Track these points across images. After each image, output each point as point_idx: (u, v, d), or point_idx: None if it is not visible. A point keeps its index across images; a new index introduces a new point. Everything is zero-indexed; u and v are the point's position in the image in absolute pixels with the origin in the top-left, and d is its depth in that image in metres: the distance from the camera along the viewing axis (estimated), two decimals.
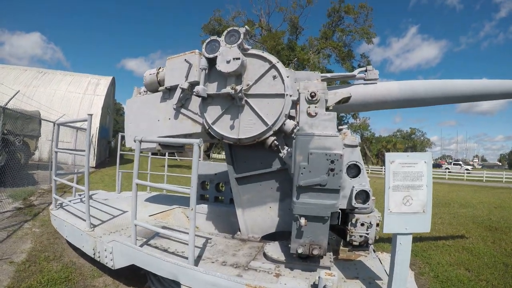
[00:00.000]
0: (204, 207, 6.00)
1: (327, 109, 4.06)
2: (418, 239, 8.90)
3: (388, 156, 3.16)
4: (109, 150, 38.29)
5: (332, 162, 3.60)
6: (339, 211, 3.81)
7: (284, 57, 32.99)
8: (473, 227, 10.94)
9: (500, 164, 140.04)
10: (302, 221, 3.63)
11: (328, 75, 5.29)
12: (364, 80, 5.33)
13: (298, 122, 4.01)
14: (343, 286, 3.61)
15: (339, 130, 4.41)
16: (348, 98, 4.41)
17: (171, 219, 6.07)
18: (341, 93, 4.36)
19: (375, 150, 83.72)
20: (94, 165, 25.26)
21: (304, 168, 3.65)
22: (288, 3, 38.05)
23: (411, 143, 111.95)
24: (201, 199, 7.14)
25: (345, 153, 3.91)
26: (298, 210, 3.70)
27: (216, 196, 7.03)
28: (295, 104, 4.39)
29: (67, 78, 30.14)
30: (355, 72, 5.35)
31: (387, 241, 8.38)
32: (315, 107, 3.90)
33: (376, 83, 5.31)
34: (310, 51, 34.16)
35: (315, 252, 3.76)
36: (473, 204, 16.98)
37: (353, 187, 3.88)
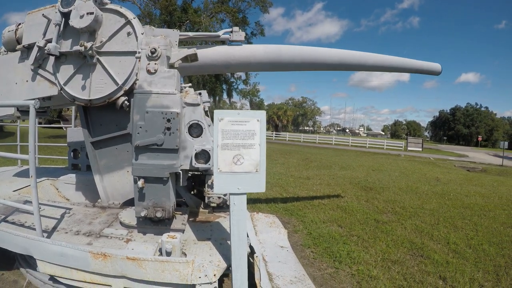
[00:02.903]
0: (72, 177, 5.61)
1: (171, 66, 3.93)
2: (295, 199, 9.33)
3: (217, 113, 3.09)
4: None
5: (169, 120, 3.52)
6: (180, 171, 3.74)
7: (176, 18, 31.68)
8: (350, 187, 11.75)
9: (383, 133, 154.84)
10: (140, 182, 3.55)
11: (190, 34, 5.09)
12: (229, 41, 5.25)
13: (137, 81, 3.83)
14: (192, 248, 3.62)
15: (182, 88, 4.30)
16: (195, 55, 4.28)
17: (39, 193, 5.54)
18: (186, 50, 4.21)
19: (266, 116, 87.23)
20: None
21: (141, 127, 3.53)
22: None
23: (302, 110, 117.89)
24: (74, 168, 6.68)
25: (186, 112, 3.82)
26: (136, 171, 3.60)
27: (89, 164, 6.60)
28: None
29: None
30: (220, 32, 5.21)
31: (264, 202, 8.65)
32: (155, 63, 3.76)
33: (241, 44, 5.27)
34: (204, 14, 33.32)
35: (158, 214, 3.70)
36: (353, 167, 18.29)
37: (194, 146, 3.80)
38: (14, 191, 5.35)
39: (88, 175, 5.70)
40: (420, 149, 46.95)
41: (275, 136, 63.58)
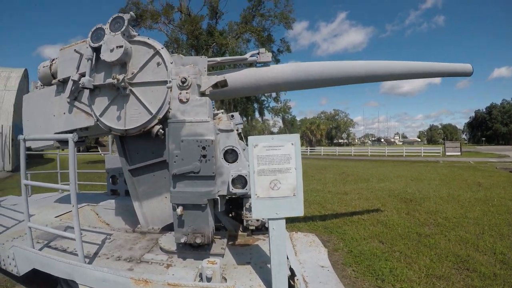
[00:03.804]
0: (112, 203, 5.76)
1: (203, 94, 4.00)
2: (334, 215, 9.19)
3: (251, 139, 3.11)
4: (30, 150, 35.71)
5: (204, 148, 3.58)
6: (218, 197, 3.78)
7: (203, 42, 32.46)
8: (389, 200, 11.45)
9: (419, 140, 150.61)
10: (179, 210, 3.62)
11: (218, 59, 5.19)
12: (257, 63, 5.33)
13: (170, 110, 3.92)
14: (232, 272, 3.60)
15: (215, 115, 4.36)
16: (225, 81, 4.34)
17: (79, 218, 5.73)
18: (216, 77, 4.28)
19: (299, 132, 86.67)
20: (11, 169, 23.61)
21: (177, 156, 3.61)
22: None
23: (335, 123, 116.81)
24: (113, 194, 6.88)
25: (221, 138, 3.87)
26: (174, 199, 3.67)
27: (127, 190, 6.79)
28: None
29: None
30: (247, 55, 5.30)
31: (303, 220, 8.56)
32: (187, 93, 3.83)
33: (269, 65, 5.33)
34: (229, 36, 33.85)
35: (198, 240, 3.73)
36: (391, 178, 17.87)
37: (230, 172, 3.82)
38: (56, 217, 5.54)
39: (127, 200, 5.85)
40: (459, 153, 45.56)
41: (310, 152, 63.19)
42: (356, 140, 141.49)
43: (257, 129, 77.13)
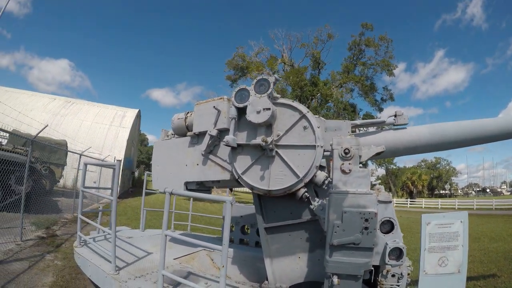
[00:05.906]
0: (230, 251, 5.88)
1: (361, 164, 4.01)
2: None
3: (424, 218, 3.15)
4: (133, 180, 38.54)
5: (367, 220, 3.55)
6: (372, 268, 3.74)
7: (308, 92, 33.07)
8: (505, 264, 10.47)
9: None
10: (335, 280, 3.57)
11: (358, 122, 5.22)
12: (394, 125, 5.15)
13: (331, 179, 3.97)
14: None
15: (373, 185, 4.33)
16: (381, 152, 4.31)
17: (196, 263, 5.88)
18: (375, 148, 4.24)
19: (400, 182, 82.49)
20: (117, 196, 25.57)
21: (338, 226, 3.61)
22: (309, 38, 37.88)
23: (437, 172, 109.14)
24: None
25: (379, 209, 3.81)
26: (331, 268, 3.64)
27: (242, 238, 7.07)
28: (327, 158, 4.36)
29: (94, 109, 31.15)
30: (385, 118, 5.20)
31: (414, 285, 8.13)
32: (349, 163, 3.87)
33: (406, 127, 5.13)
34: (332, 85, 34.11)
35: None
36: (504, 237, 16.30)
37: (386, 243, 3.77)
38: (174, 259, 5.74)
39: (244, 250, 5.99)
40: None
41: (410, 204, 59.41)
42: (459, 191, 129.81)
43: None
